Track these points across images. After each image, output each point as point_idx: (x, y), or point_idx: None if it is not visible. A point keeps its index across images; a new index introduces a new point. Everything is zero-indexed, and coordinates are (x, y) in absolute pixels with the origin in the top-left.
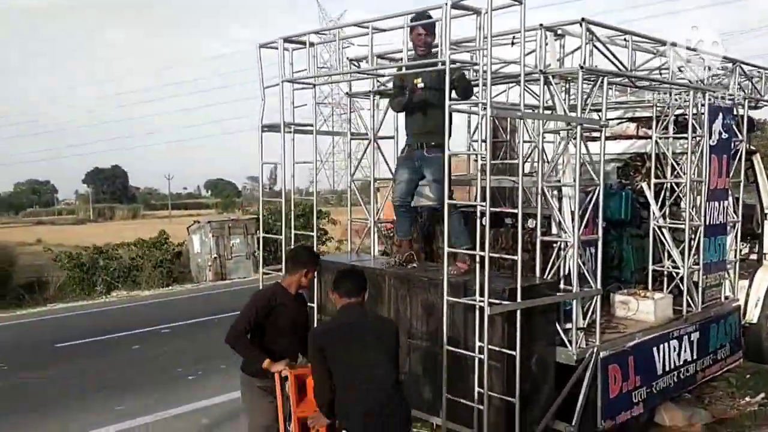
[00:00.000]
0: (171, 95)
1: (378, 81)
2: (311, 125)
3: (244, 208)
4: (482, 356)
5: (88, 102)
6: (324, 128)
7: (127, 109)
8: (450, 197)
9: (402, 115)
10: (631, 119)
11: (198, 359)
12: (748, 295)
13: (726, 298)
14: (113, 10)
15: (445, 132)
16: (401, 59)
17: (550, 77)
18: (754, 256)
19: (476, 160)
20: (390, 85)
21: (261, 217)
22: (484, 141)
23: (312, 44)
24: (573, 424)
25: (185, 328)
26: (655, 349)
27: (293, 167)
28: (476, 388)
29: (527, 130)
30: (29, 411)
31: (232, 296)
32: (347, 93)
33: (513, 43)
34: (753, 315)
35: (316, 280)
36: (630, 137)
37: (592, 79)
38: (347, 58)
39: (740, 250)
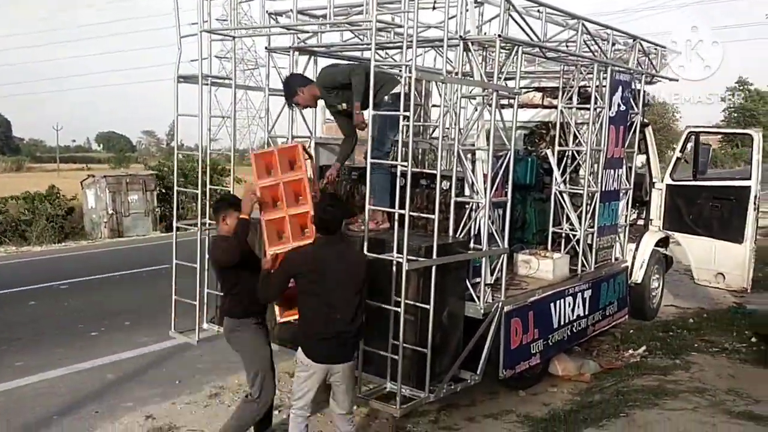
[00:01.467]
0: (61, 40)
1: (298, 38)
2: (230, 78)
3: (145, 163)
4: (398, 309)
5: None
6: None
7: (11, 54)
8: (373, 156)
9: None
10: (537, 89)
11: (101, 315)
12: (634, 257)
13: (616, 259)
14: None
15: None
16: (323, 16)
17: (470, 44)
18: (641, 222)
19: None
20: (310, 42)
21: (176, 171)
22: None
23: None
24: (478, 373)
25: (84, 284)
26: (552, 304)
27: (209, 121)
28: (391, 340)
29: (440, 95)
30: None
31: (131, 253)
32: (266, 48)
33: (434, 8)
34: (638, 275)
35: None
36: (536, 106)
37: (508, 47)
38: (267, 12)
39: (630, 216)
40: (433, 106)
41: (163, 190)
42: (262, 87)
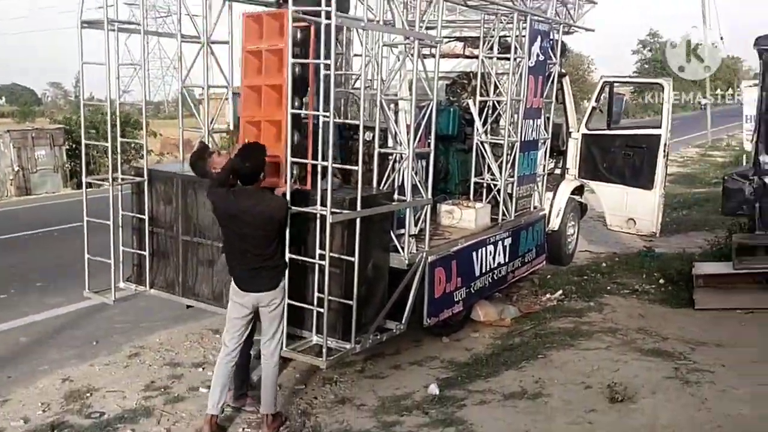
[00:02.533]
0: None
1: None
2: (136, 24)
3: (52, 117)
4: (323, 263)
5: None
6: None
7: None
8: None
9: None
10: (459, 38)
11: (9, 278)
12: (551, 205)
13: (534, 208)
14: None
15: None
16: None
17: None
18: (558, 171)
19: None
20: None
21: (83, 124)
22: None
23: None
24: (403, 322)
25: None
26: (474, 253)
27: (118, 70)
28: (316, 293)
29: (362, 44)
30: None
31: (40, 211)
32: None
33: None
34: (555, 223)
35: (146, 191)
36: (457, 56)
37: None
38: None
39: (548, 165)
40: (355, 55)
41: (73, 145)
42: (175, 34)
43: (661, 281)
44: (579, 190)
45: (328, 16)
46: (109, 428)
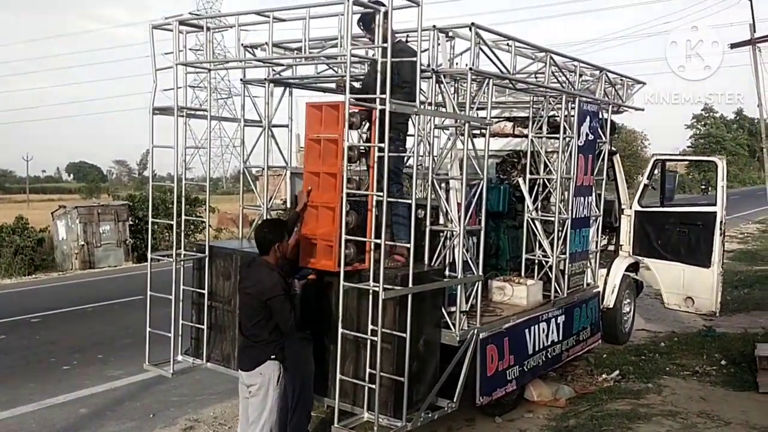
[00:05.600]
0: (29, 71)
1: (273, 70)
2: (205, 110)
3: (113, 194)
4: (375, 338)
5: None
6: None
7: None
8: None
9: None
10: (508, 118)
11: (73, 349)
12: (606, 282)
13: (588, 284)
14: None
15: None
16: (298, 49)
17: (442, 76)
18: (612, 248)
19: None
20: (285, 74)
21: (151, 202)
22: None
23: (209, 28)
24: (455, 400)
25: (57, 317)
26: (527, 330)
27: (185, 152)
28: (368, 369)
29: (414, 125)
30: None
31: (103, 285)
32: (242, 80)
33: (407, 41)
34: (610, 300)
35: (207, 266)
36: (507, 135)
37: (479, 79)
38: (242, 44)
39: (600, 242)
40: (408, 135)
41: (135, 221)
42: (237, 118)
43: (723, 362)
44: (634, 267)
45: (383, 103)
46: None
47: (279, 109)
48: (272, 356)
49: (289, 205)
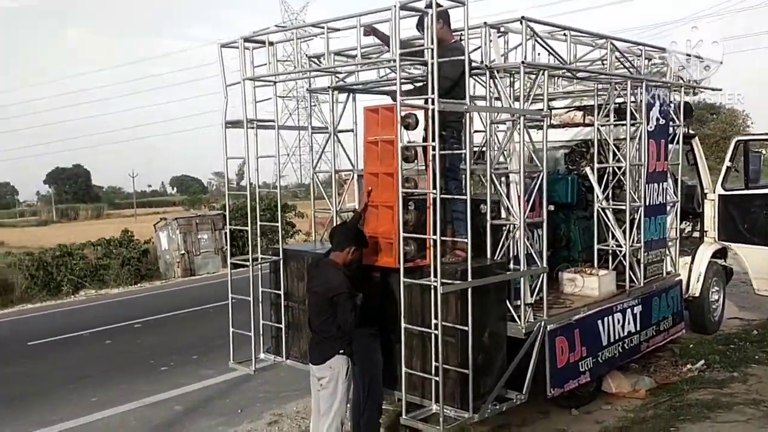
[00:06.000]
0: (131, 92)
1: (336, 77)
2: (273, 121)
3: (210, 204)
4: (437, 332)
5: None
6: (290, 122)
7: (87, 108)
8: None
9: (360, 110)
10: (578, 108)
11: (170, 351)
12: (690, 270)
13: (667, 273)
14: (75, 10)
15: None
16: (356, 56)
17: (495, 72)
18: (696, 234)
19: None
20: (349, 80)
21: (228, 211)
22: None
23: (271, 43)
24: (524, 392)
25: (157, 322)
26: (599, 321)
27: (257, 162)
28: (432, 363)
29: (481, 120)
30: (6, 406)
31: (201, 291)
32: (307, 89)
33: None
34: (695, 289)
35: (282, 269)
36: (577, 125)
37: (533, 72)
38: (306, 55)
39: (684, 229)
40: (476, 131)
41: (233, 230)
42: (305, 126)
43: None
44: (722, 254)
45: (433, 102)
46: None
47: (344, 116)
48: (340, 351)
49: (358, 209)
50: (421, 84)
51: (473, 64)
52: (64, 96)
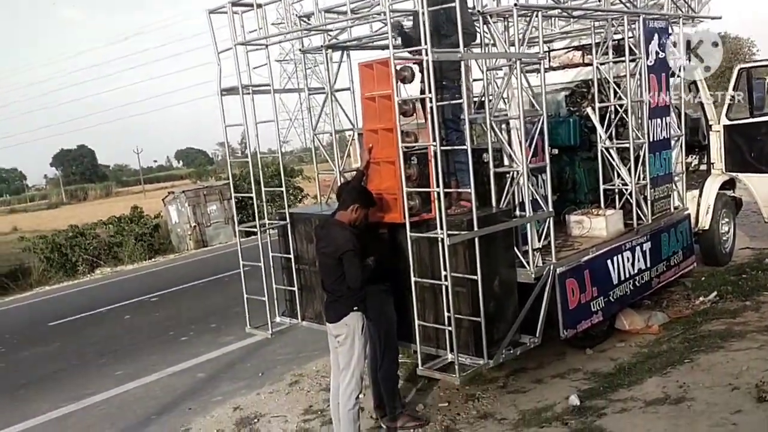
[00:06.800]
0: (127, 68)
1: (329, 35)
2: (269, 85)
3: (217, 175)
4: (447, 284)
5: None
6: (290, 86)
7: (85, 87)
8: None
9: (356, 67)
10: (576, 48)
11: (189, 321)
12: (698, 204)
13: (675, 208)
14: None
15: None
16: (346, 11)
17: (488, 16)
18: (703, 167)
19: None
20: (341, 37)
21: (231, 180)
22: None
23: (260, 5)
24: (537, 336)
25: (173, 295)
26: (609, 261)
27: (256, 128)
28: (445, 313)
29: (479, 68)
30: (36, 384)
31: (214, 261)
32: (300, 50)
33: None
34: (705, 222)
35: (290, 232)
36: (576, 65)
37: (528, 14)
38: (296, 15)
39: (690, 163)
40: (475, 80)
41: (240, 198)
42: (301, 88)
43: None
44: (730, 185)
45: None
46: None
47: (340, 74)
48: (354, 308)
49: (362, 167)
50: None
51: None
52: (61, 78)
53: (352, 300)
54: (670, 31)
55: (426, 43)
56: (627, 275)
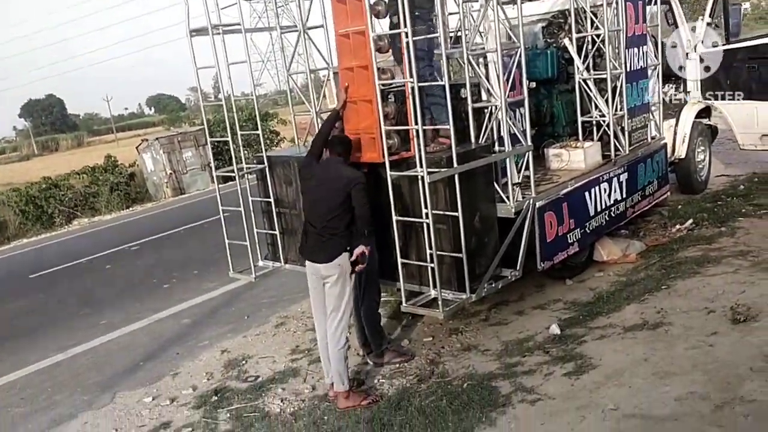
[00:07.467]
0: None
1: None
2: (239, 24)
3: (191, 121)
4: (428, 221)
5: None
6: (259, 25)
7: (49, 34)
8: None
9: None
10: None
11: (171, 269)
12: (675, 133)
13: (652, 138)
14: None
15: None
16: None
17: None
18: (680, 96)
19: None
20: None
21: (205, 124)
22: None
23: None
24: (518, 269)
25: (153, 243)
26: (586, 193)
27: (228, 70)
28: (427, 250)
29: (454, 2)
30: (21, 336)
31: (192, 208)
32: None
33: None
34: (681, 151)
35: (269, 176)
36: None
37: None
38: None
39: (666, 92)
40: (450, 14)
41: (215, 143)
42: (273, 28)
43: None
44: (706, 113)
45: None
46: (263, 389)
47: (312, 11)
48: (347, 248)
49: (339, 108)
50: None
51: None
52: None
53: (346, 239)
54: None
55: None
56: (603, 206)
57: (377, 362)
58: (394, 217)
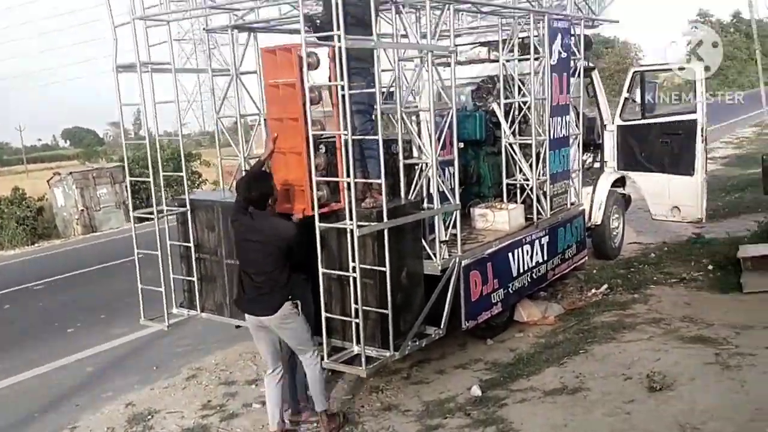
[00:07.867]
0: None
1: (235, 15)
2: (170, 63)
3: (108, 156)
4: (355, 275)
5: None
6: (188, 65)
7: None
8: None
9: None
10: (483, 43)
11: (76, 312)
12: (592, 200)
13: (572, 204)
14: None
15: None
16: None
17: (401, 6)
18: (597, 165)
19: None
20: (248, 18)
21: (126, 162)
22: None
23: None
24: (441, 327)
25: (59, 283)
26: (510, 254)
27: (154, 108)
28: (352, 305)
29: (388, 59)
30: None
31: (103, 248)
32: (204, 29)
33: None
34: (597, 217)
35: (190, 219)
36: (483, 61)
37: (440, 6)
38: None
39: (585, 161)
40: (383, 70)
41: (132, 181)
42: (204, 69)
43: (710, 267)
44: (621, 182)
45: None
46: None
47: (245, 56)
48: (289, 297)
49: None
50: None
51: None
52: None
53: (288, 289)
54: (572, 32)
55: (340, 29)
56: (526, 268)
57: (294, 420)
58: (321, 270)
